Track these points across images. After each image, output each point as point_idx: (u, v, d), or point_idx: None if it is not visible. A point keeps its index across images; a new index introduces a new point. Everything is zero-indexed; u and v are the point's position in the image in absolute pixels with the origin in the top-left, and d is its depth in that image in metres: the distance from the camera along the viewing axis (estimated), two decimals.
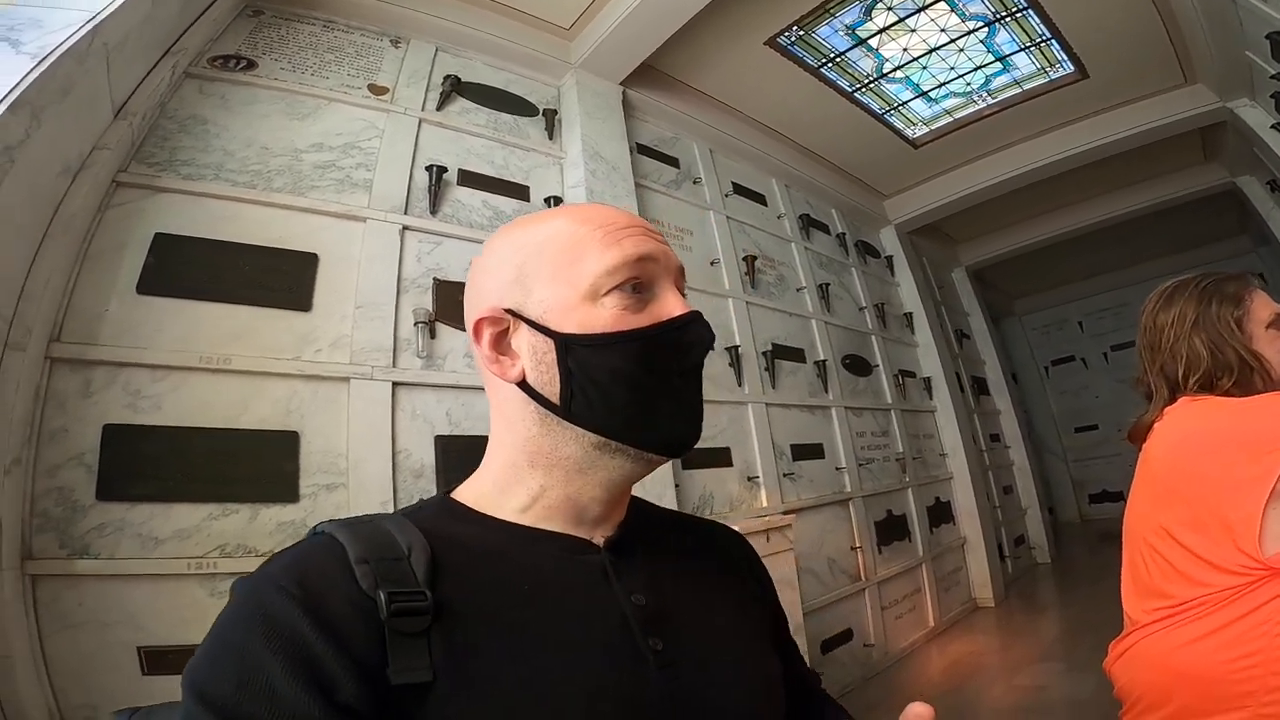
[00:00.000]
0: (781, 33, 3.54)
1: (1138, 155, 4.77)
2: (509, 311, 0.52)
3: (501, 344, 0.53)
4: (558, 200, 2.88)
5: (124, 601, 1.64)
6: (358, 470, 2.03)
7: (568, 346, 0.50)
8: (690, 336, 0.52)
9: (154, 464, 1.75)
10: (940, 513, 4.74)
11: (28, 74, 1.39)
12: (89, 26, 1.56)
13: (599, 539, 0.54)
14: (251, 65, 2.35)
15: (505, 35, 3.06)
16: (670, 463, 2.79)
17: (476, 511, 0.53)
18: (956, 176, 5.23)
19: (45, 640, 1.54)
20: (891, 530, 4.09)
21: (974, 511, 4.91)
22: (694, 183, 3.78)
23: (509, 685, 0.43)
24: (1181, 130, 4.42)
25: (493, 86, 3.03)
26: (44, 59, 1.44)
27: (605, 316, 0.50)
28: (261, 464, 1.90)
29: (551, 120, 3.14)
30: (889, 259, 5.55)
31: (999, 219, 6.11)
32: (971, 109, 4.48)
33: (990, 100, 4.38)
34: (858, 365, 4.46)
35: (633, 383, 0.50)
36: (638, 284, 0.51)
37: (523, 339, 0.52)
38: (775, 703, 0.55)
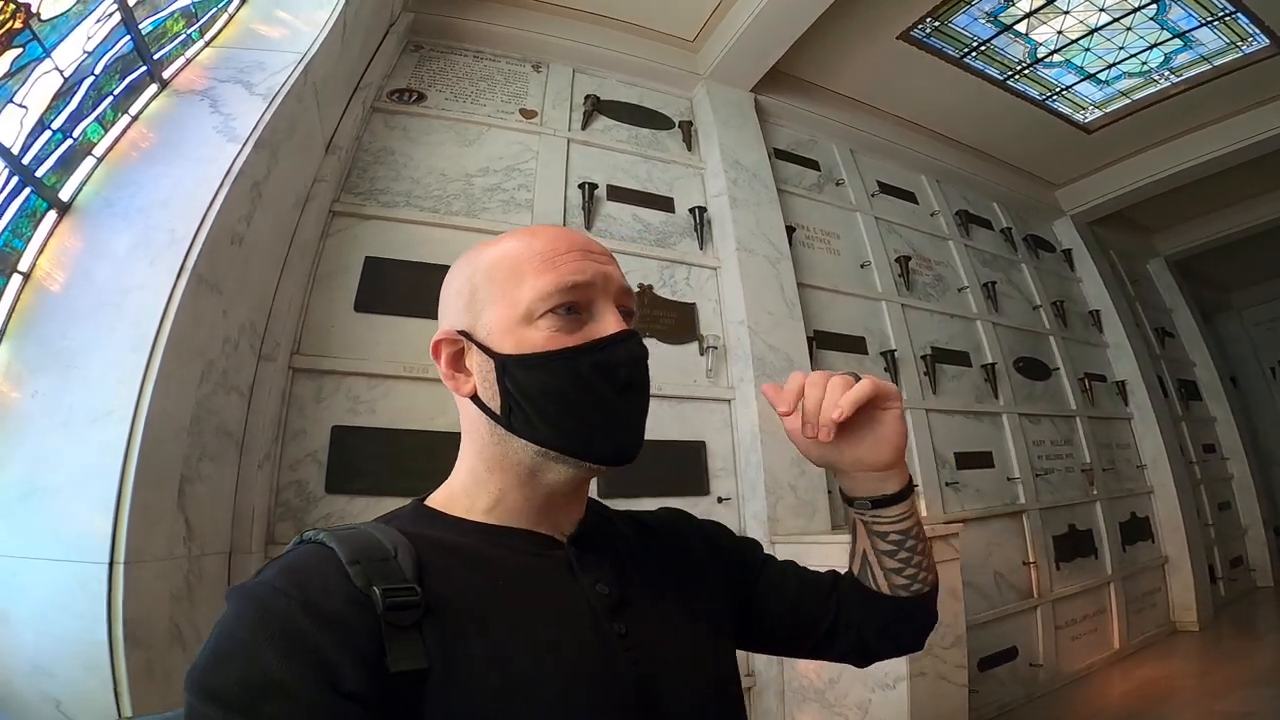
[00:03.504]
0: (915, 26, 3.36)
1: None
2: (461, 333, 0.56)
3: (458, 363, 0.57)
4: (702, 211, 2.92)
5: None
6: None
7: (504, 366, 0.54)
8: (618, 355, 0.54)
9: (369, 461, 1.99)
10: (1136, 529, 4.16)
11: (263, 114, 1.65)
12: (301, 67, 1.82)
13: (563, 534, 0.58)
14: (422, 97, 2.65)
15: (633, 52, 3.20)
16: (822, 471, 2.71)
17: (448, 515, 0.56)
18: (1143, 160, 4.65)
19: None
20: (1073, 546, 3.66)
21: (1180, 529, 4.27)
22: (836, 184, 3.66)
23: (493, 672, 0.46)
24: None
25: (628, 103, 3.16)
26: (273, 99, 1.69)
27: (538, 338, 0.53)
28: (450, 463, 2.07)
29: (688, 131, 3.20)
30: (1067, 252, 4.98)
31: (1202, 203, 5.30)
32: (1153, 89, 3.99)
33: (1174, 79, 3.88)
34: (1033, 368, 4.02)
35: (562, 399, 0.53)
36: (572, 306, 0.54)
37: (474, 358, 0.56)
38: (724, 678, 0.60)
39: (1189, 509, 4.37)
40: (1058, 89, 3.96)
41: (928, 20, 3.33)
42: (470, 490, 0.57)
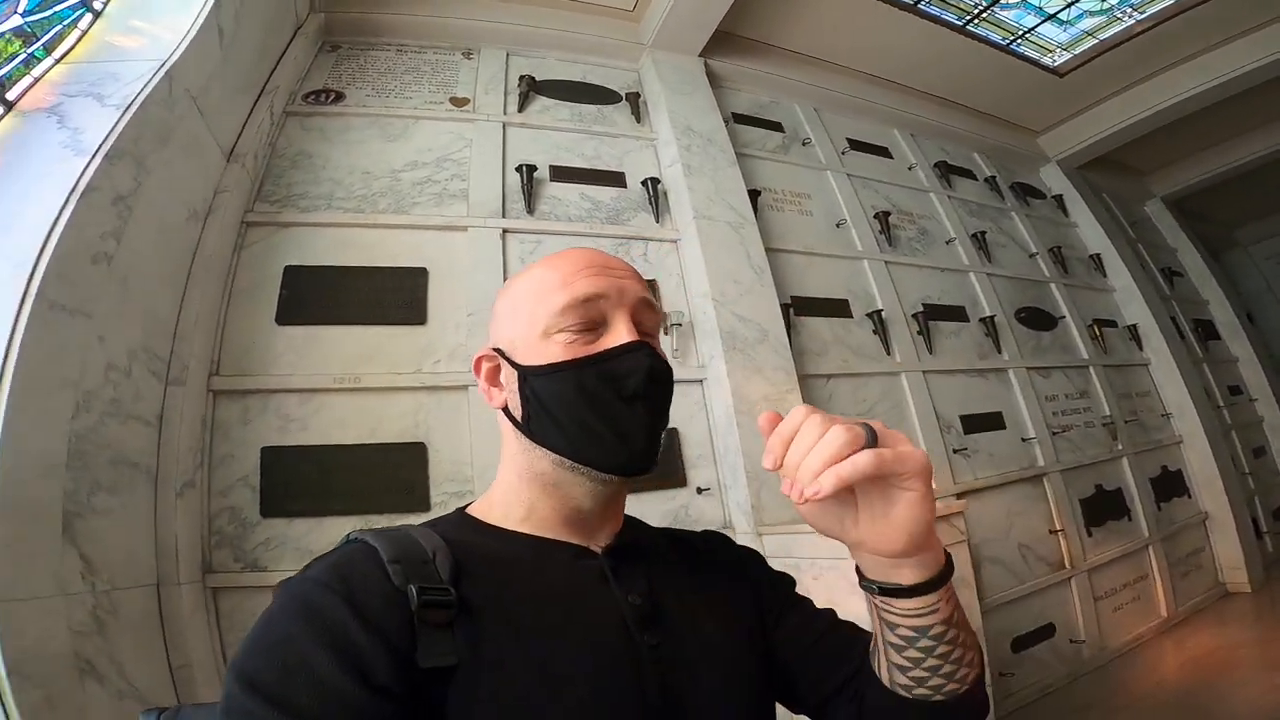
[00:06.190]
0: None
1: None
2: (497, 350, 0.61)
3: (494, 378, 0.61)
4: (656, 182, 2.75)
5: None
6: (484, 477, 2.00)
7: (525, 376, 0.57)
8: (625, 365, 0.56)
9: (305, 481, 1.85)
10: (1169, 484, 3.87)
11: (116, 124, 1.52)
12: (161, 73, 1.70)
13: (598, 546, 0.60)
14: (340, 97, 2.52)
15: (571, 28, 3.06)
16: None
17: (487, 524, 0.59)
18: (1123, 101, 4.45)
19: (228, 649, 1.66)
20: (1103, 508, 3.40)
21: (1216, 480, 3.97)
22: (803, 145, 3.47)
23: (520, 674, 0.47)
24: None
25: (569, 80, 3.01)
26: (127, 108, 1.57)
27: (554, 350, 0.56)
28: (395, 476, 1.94)
29: (636, 104, 3.03)
30: (1058, 198, 4.75)
31: (1194, 141, 5.10)
32: (1118, 27, 3.81)
33: (1138, 15, 3.70)
34: (1037, 318, 3.79)
35: (572, 407, 0.55)
36: (588, 321, 0.57)
37: (505, 372, 0.60)
38: (753, 698, 0.59)
39: (1223, 458, 4.07)
40: (1020, 32, 3.78)
41: None
42: (507, 499, 0.60)
